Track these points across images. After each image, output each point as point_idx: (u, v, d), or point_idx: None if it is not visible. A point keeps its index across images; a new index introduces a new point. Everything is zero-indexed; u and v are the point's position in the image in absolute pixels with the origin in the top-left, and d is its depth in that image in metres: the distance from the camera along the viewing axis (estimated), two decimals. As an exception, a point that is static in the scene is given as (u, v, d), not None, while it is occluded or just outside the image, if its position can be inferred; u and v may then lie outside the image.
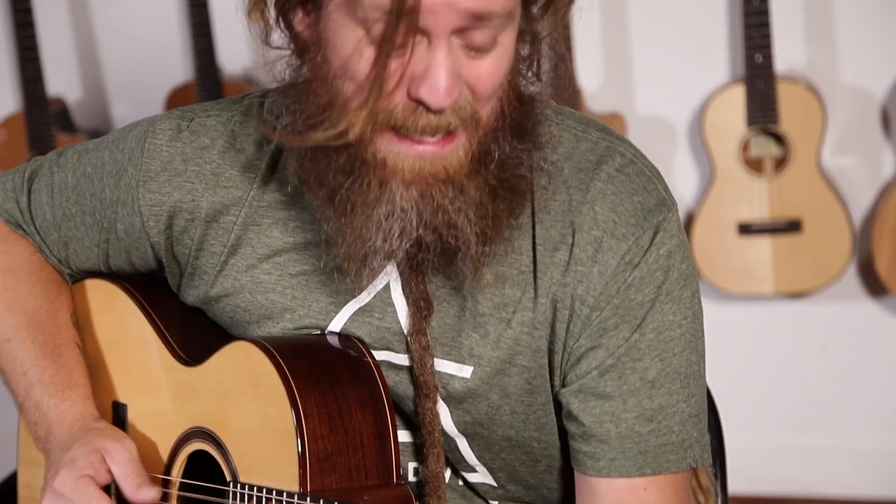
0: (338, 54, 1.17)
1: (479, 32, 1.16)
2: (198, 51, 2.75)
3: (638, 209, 1.26)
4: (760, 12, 2.61)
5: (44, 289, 1.44)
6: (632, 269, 1.25)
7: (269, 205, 1.31)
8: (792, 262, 2.75)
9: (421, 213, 1.18)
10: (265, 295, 1.31)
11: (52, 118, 2.80)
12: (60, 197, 1.41)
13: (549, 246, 1.27)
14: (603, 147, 1.29)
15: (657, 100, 2.84)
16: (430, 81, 1.14)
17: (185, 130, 1.33)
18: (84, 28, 2.93)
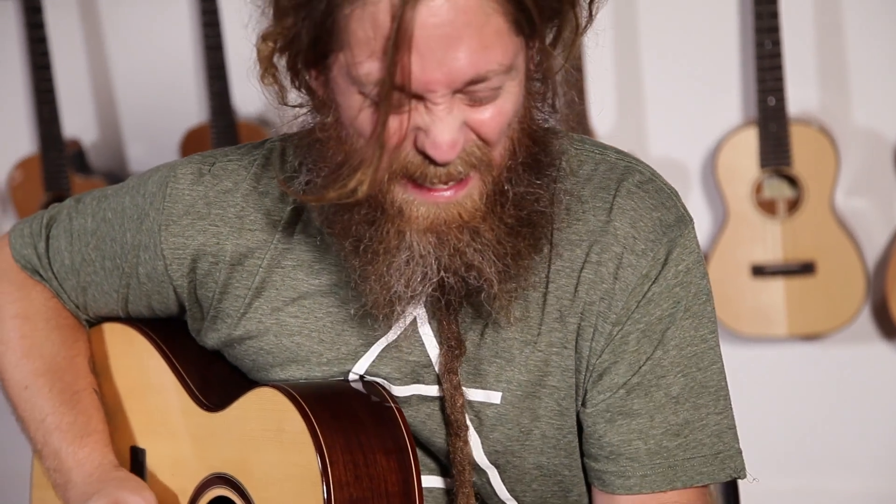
0: (345, 114, 1.18)
1: (479, 93, 1.16)
2: (213, 93, 2.77)
3: (657, 225, 1.28)
4: (773, 55, 2.62)
5: (61, 335, 1.44)
6: (650, 284, 1.27)
7: (295, 247, 1.32)
8: (805, 305, 2.74)
9: (439, 258, 1.20)
10: (291, 338, 1.32)
11: (67, 160, 2.81)
12: (79, 242, 1.41)
13: (574, 266, 1.28)
14: (622, 166, 1.31)
15: (670, 141, 2.85)
16: (433, 137, 1.15)
17: (207, 174, 1.34)
18: (100, 70, 2.95)
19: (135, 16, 2.90)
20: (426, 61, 1.13)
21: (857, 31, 2.74)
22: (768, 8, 2.60)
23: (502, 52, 1.16)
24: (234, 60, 2.79)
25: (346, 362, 1.31)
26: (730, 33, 2.77)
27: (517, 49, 1.18)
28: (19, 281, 1.46)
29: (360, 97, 1.16)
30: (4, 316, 1.44)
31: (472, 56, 1.14)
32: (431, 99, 1.15)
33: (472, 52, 1.14)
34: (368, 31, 1.13)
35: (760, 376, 2.90)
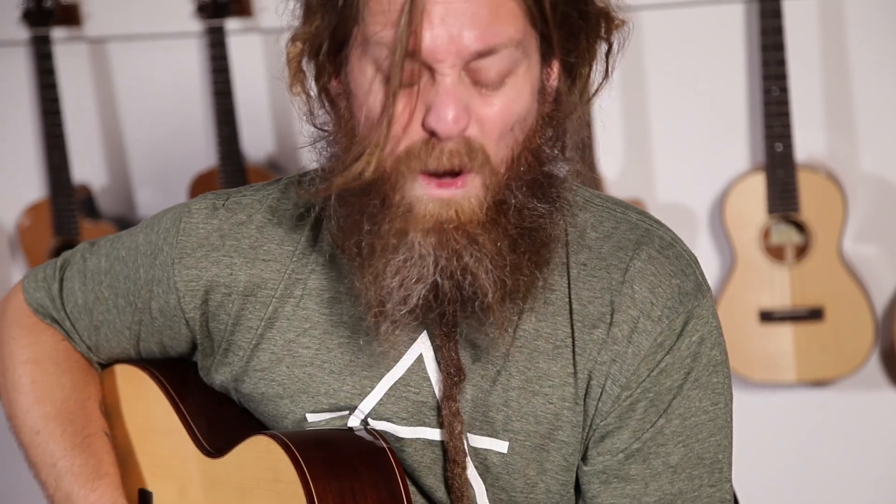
0: (357, 99, 1.21)
1: (487, 67, 1.18)
2: (222, 138, 2.78)
3: (675, 292, 1.28)
4: (780, 102, 2.63)
5: (72, 378, 1.44)
6: (664, 354, 1.27)
7: (307, 278, 1.33)
8: (814, 351, 2.74)
9: (437, 260, 1.20)
10: (302, 369, 1.32)
11: (77, 205, 2.82)
12: (93, 281, 1.42)
13: (587, 323, 1.28)
14: (643, 228, 1.31)
15: (678, 187, 2.86)
16: (438, 109, 1.17)
17: (221, 208, 1.36)
18: (110, 116, 2.96)
19: (144, 61, 2.92)
20: (437, 29, 1.16)
21: (865, 78, 2.75)
22: (775, 55, 2.62)
23: (513, 28, 1.19)
24: (243, 106, 2.80)
25: (353, 397, 1.31)
26: (737, 79, 2.78)
27: (528, 37, 1.21)
28: (31, 325, 1.46)
29: (372, 72, 1.19)
30: (16, 361, 1.45)
31: (483, 27, 1.17)
32: (440, 70, 1.17)
33: (482, 23, 1.17)
34: (384, 3, 1.17)
35: (769, 422, 2.89)
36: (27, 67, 2.93)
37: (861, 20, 2.73)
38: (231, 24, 2.78)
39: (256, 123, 2.90)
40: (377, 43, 1.17)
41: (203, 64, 2.89)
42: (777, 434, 2.90)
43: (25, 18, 2.77)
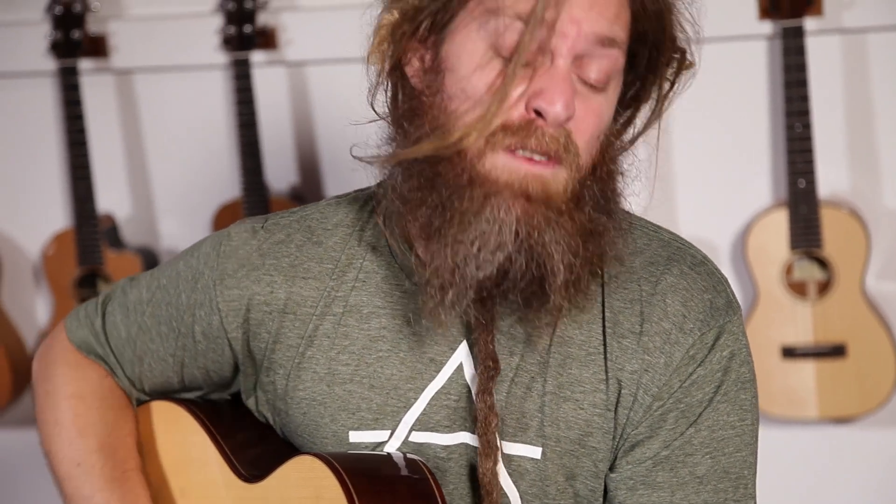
0: (458, 74, 1.22)
1: (596, 64, 1.22)
2: (246, 169, 2.80)
3: (707, 307, 1.30)
4: (803, 138, 2.63)
5: (114, 415, 1.46)
6: (696, 366, 1.29)
7: (347, 295, 1.34)
8: (836, 387, 2.73)
9: (518, 230, 1.21)
10: (343, 386, 1.33)
11: (101, 234, 2.84)
12: (135, 313, 1.44)
13: (618, 332, 1.30)
14: (675, 246, 1.34)
15: (700, 221, 2.85)
16: (551, 91, 1.20)
17: (261, 230, 1.38)
18: (135, 147, 2.98)
19: (170, 93, 2.94)
20: (565, 17, 1.20)
21: (888, 115, 2.75)
22: (798, 91, 2.62)
23: (625, 35, 1.24)
24: (267, 137, 2.82)
25: (397, 411, 1.31)
26: (760, 115, 2.78)
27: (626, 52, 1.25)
28: (75, 362, 1.48)
29: (485, 46, 1.21)
30: (61, 396, 1.47)
31: (606, 17, 1.22)
32: (559, 51, 1.20)
33: (609, 15, 1.22)
34: None
35: (791, 459, 2.88)
36: (54, 98, 2.96)
37: (884, 57, 2.73)
38: (256, 56, 2.81)
39: (280, 155, 2.92)
40: (507, 16, 1.20)
41: (228, 96, 2.91)
42: (798, 470, 2.89)
43: (53, 50, 2.80)
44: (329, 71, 2.87)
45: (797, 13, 2.59)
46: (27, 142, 3.00)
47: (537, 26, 1.19)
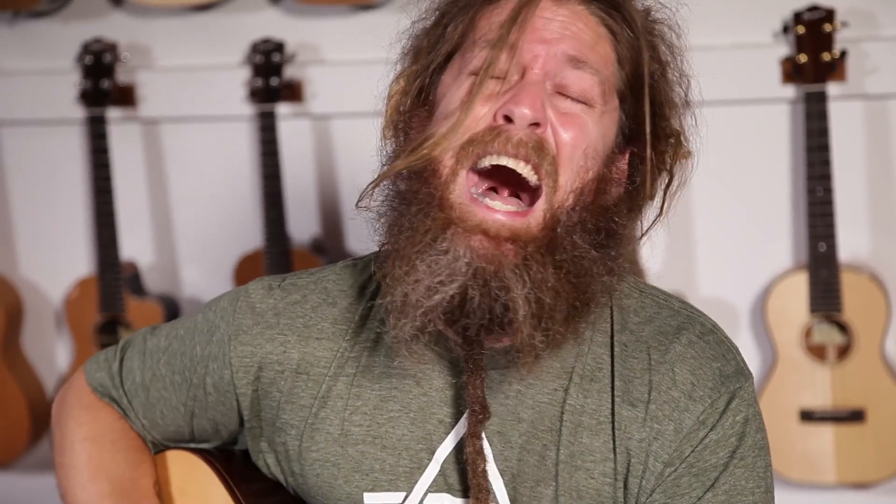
0: (438, 103, 1.25)
1: (573, 82, 1.22)
2: (269, 220, 2.81)
3: (716, 374, 1.29)
4: (825, 202, 2.63)
5: (126, 456, 1.47)
6: (707, 431, 1.28)
7: (360, 356, 1.35)
8: (855, 452, 2.71)
9: (472, 261, 1.19)
10: (355, 447, 1.33)
11: (124, 281, 2.85)
12: (151, 360, 1.45)
13: (626, 399, 1.29)
14: (684, 315, 1.33)
15: (720, 282, 2.85)
16: (518, 95, 1.21)
17: (277, 289, 1.39)
18: (159, 195, 3.01)
19: (196, 143, 2.97)
20: (534, 35, 1.22)
21: (909, 180, 2.75)
22: (820, 155, 2.62)
23: (603, 62, 1.25)
24: (291, 189, 2.84)
25: (412, 472, 1.31)
26: (781, 178, 2.79)
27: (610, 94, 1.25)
28: (90, 405, 1.49)
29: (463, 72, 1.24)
30: (75, 439, 1.47)
31: (582, 43, 1.23)
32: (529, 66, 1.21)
33: (582, 40, 1.23)
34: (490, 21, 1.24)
35: (808, 524, 2.85)
36: (81, 146, 2.99)
37: (907, 123, 2.74)
38: (282, 108, 2.83)
39: (302, 207, 2.93)
40: (476, 45, 1.23)
41: (253, 147, 2.93)
42: (816, 536, 2.86)
43: (82, 99, 2.83)
44: (353, 124, 2.89)
45: (820, 78, 2.60)
46: (54, 188, 3.03)
47: (503, 43, 1.20)
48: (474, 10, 1.25)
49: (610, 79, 1.25)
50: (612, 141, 1.27)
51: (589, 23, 1.24)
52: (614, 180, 1.27)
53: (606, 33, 1.25)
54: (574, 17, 1.24)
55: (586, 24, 1.24)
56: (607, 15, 1.25)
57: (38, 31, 2.96)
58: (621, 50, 1.25)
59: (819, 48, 2.61)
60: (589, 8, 1.25)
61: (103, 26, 2.93)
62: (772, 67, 2.69)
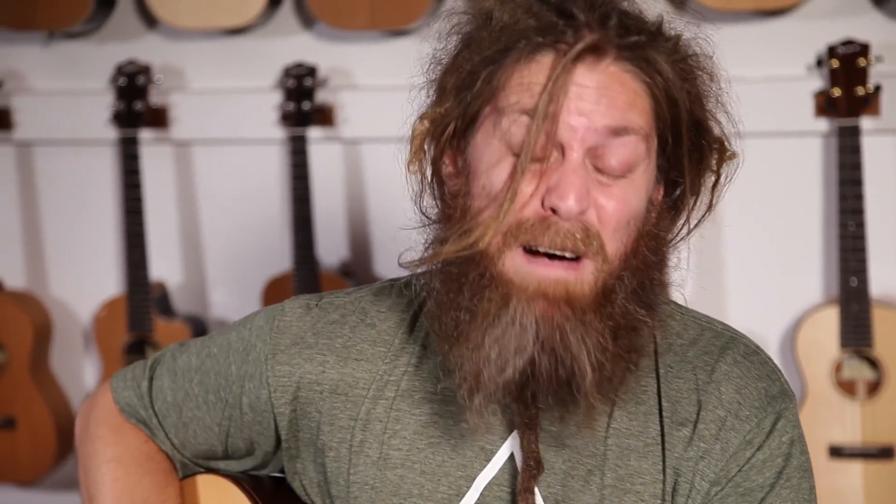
0: (476, 174, 1.24)
1: (612, 153, 1.22)
2: (297, 243, 2.82)
3: (762, 394, 1.30)
4: (856, 236, 2.61)
5: (152, 479, 1.46)
6: (754, 451, 1.28)
7: (400, 379, 1.34)
8: (884, 490, 2.68)
9: (538, 332, 1.21)
10: (394, 471, 1.33)
11: (152, 302, 2.86)
12: (183, 379, 1.45)
13: (675, 420, 1.29)
14: (727, 336, 1.34)
15: (749, 314, 2.84)
16: (562, 186, 1.21)
17: (315, 308, 1.39)
18: (189, 216, 3.02)
19: (226, 165, 2.98)
20: (574, 103, 1.21)
21: (943, 216, 2.73)
22: (853, 190, 2.61)
23: (644, 122, 1.24)
24: (320, 212, 2.85)
25: (450, 499, 1.31)
26: (813, 212, 2.77)
27: (651, 139, 1.25)
28: (117, 425, 1.49)
29: (499, 146, 1.23)
30: (100, 460, 1.47)
31: (619, 108, 1.22)
32: (570, 145, 1.21)
33: (619, 105, 1.22)
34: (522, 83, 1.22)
35: (835, 561, 2.82)
36: (113, 166, 3.01)
37: (941, 158, 2.73)
38: (313, 132, 2.84)
39: (331, 230, 2.94)
40: (513, 112, 1.22)
41: (283, 170, 2.95)
42: (843, 574, 2.83)
43: (115, 120, 2.85)
44: (384, 150, 2.89)
45: (854, 112, 2.59)
46: (85, 207, 3.05)
47: (542, 120, 1.20)
48: (504, 69, 1.24)
49: (651, 129, 1.25)
50: (651, 185, 1.27)
51: (624, 81, 1.23)
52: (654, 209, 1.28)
53: (642, 87, 1.24)
54: (609, 80, 1.22)
55: (622, 84, 1.23)
56: (640, 69, 1.24)
57: (73, 52, 2.99)
58: (658, 95, 1.24)
59: (853, 82, 2.59)
60: (622, 66, 1.23)
61: (137, 48, 2.95)
62: (805, 101, 2.68)
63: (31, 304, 3.00)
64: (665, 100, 1.24)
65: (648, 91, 1.24)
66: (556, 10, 1.24)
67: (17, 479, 2.99)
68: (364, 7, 2.75)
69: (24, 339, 2.94)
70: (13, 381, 2.95)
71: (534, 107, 1.20)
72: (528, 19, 1.24)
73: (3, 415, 2.94)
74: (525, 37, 1.23)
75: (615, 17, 1.24)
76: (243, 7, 2.79)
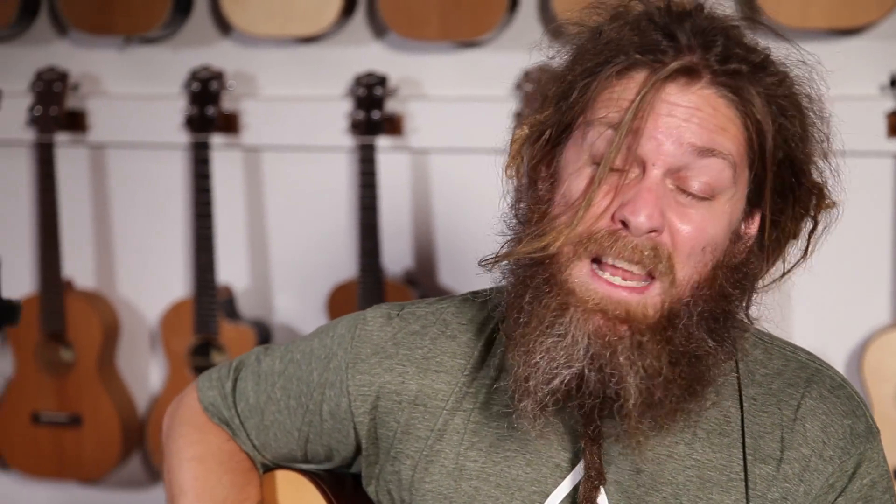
0: (561, 183, 1.26)
1: (696, 175, 1.21)
2: (363, 250, 2.83)
3: (847, 433, 1.28)
4: (927, 258, 2.58)
5: (232, 479, 1.48)
6: (836, 496, 1.27)
7: (478, 392, 1.35)
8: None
9: (589, 346, 1.21)
10: (469, 482, 1.33)
11: (218, 305, 2.89)
12: (266, 382, 1.47)
13: (758, 456, 1.28)
14: (812, 368, 1.32)
15: (815, 335, 2.81)
16: (635, 202, 1.21)
17: (396, 318, 1.40)
18: (257, 221, 3.05)
19: (295, 171, 3.00)
20: (660, 125, 1.21)
21: None
22: (924, 210, 2.58)
23: (734, 147, 1.23)
24: (386, 220, 2.86)
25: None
26: (883, 232, 2.74)
27: (741, 169, 1.24)
28: (200, 424, 1.51)
29: (585, 155, 1.24)
30: (182, 458, 1.49)
31: (709, 129, 1.22)
32: (652, 161, 1.20)
33: (708, 126, 1.22)
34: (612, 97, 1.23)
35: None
36: (184, 170, 3.04)
37: None
38: (381, 141, 2.86)
39: (397, 238, 2.95)
40: (600, 125, 1.22)
41: (351, 178, 2.96)
42: None
43: (188, 124, 2.89)
44: (451, 160, 2.90)
45: (926, 133, 2.56)
46: (155, 210, 3.08)
47: (624, 134, 1.20)
48: (599, 81, 1.24)
49: (741, 159, 1.24)
50: (738, 217, 1.26)
51: (718, 106, 1.22)
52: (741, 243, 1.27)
53: (736, 115, 1.23)
54: (701, 102, 1.22)
55: (714, 108, 1.22)
56: (735, 96, 1.23)
57: (148, 57, 3.03)
58: (751, 127, 1.24)
59: (927, 102, 2.57)
60: (716, 90, 1.23)
61: (211, 54, 2.98)
62: (877, 121, 2.65)
63: (100, 304, 3.04)
64: (756, 132, 1.23)
65: (742, 120, 1.23)
66: (663, 31, 1.24)
67: (82, 477, 3.03)
68: (435, 18, 2.77)
69: (92, 339, 2.98)
70: (80, 380, 2.99)
71: (619, 121, 1.21)
72: (633, 36, 1.24)
73: (70, 412, 2.98)
74: (624, 52, 1.24)
75: (720, 44, 1.23)
76: (317, 16, 2.82)
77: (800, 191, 1.28)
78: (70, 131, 3.02)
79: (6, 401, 3.02)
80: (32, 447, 2.99)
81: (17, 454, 3.02)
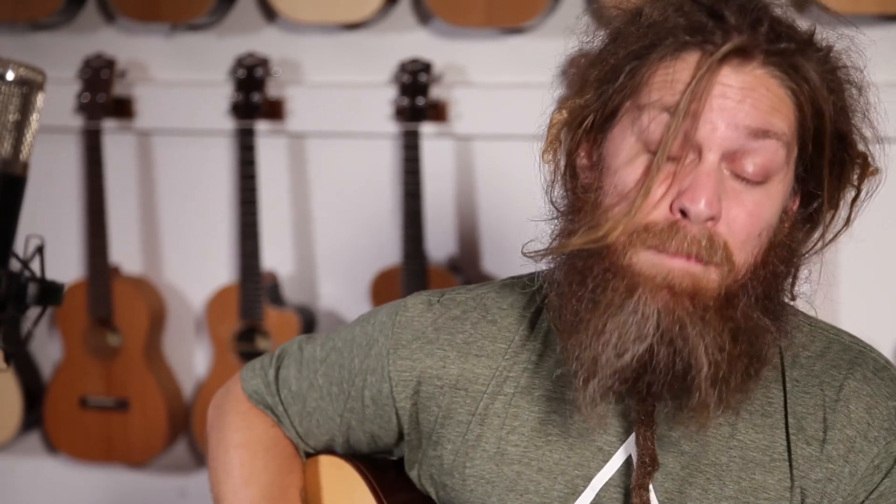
0: (610, 169, 1.24)
1: (751, 159, 1.20)
2: (407, 237, 2.84)
3: (892, 414, 1.28)
4: (977, 245, 2.55)
5: (278, 465, 1.49)
6: (881, 476, 1.27)
7: (519, 376, 1.35)
8: None
9: (660, 322, 1.21)
10: (511, 466, 1.34)
11: (263, 291, 2.91)
12: (308, 370, 1.48)
13: (801, 437, 1.28)
14: (856, 350, 1.32)
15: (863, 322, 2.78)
16: (694, 189, 1.20)
17: (437, 304, 1.40)
18: (302, 208, 3.06)
19: (339, 157, 3.01)
20: (714, 108, 1.20)
21: None
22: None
23: (787, 126, 1.22)
24: (430, 207, 2.86)
25: (566, 498, 1.31)
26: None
27: (792, 147, 1.23)
28: (245, 412, 1.53)
29: (636, 143, 1.23)
30: (229, 446, 1.51)
31: (763, 110, 1.21)
32: (708, 146, 1.19)
33: (763, 107, 1.21)
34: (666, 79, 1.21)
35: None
36: (229, 157, 3.06)
37: None
38: (426, 127, 2.86)
39: (441, 225, 2.95)
40: (654, 109, 1.21)
41: (395, 164, 2.97)
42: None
43: (233, 111, 2.90)
44: (495, 147, 2.90)
45: (977, 118, 2.53)
46: (201, 197, 3.10)
47: (682, 118, 1.19)
48: (648, 65, 1.23)
49: (792, 137, 1.23)
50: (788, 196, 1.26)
51: (770, 86, 1.22)
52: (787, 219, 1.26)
53: (788, 94, 1.22)
54: (755, 83, 1.21)
55: (767, 87, 1.22)
56: (787, 75, 1.23)
57: (194, 44, 3.05)
58: (803, 104, 1.23)
59: (978, 87, 2.53)
60: (769, 70, 1.22)
61: (256, 41, 2.99)
62: (927, 105, 2.62)
63: (147, 289, 3.07)
64: (810, 109, 1.23)
65: (794, 98, 1.23)
66: (707, 11, 1.23)
67: (129, 460, 3.06)
68: (480, 4, 2.76)
69: (139, 324, 3.01)
70: (127, 364, 3.01)
71: (675, 104, 1.20)
72: (678, 17, 1.23)
73: (118, 396, 3.01)
74: (672, 34, 1.22)
75: (766, 23, 1.23)
76: (362, 2, 2.82)
77: (845, 161, 1.27)
78: (117, 118, 3.04)
79: (55, 385, 3.05)
80: (80, 431, 3.03)
81: (65, 438, 3.06)
